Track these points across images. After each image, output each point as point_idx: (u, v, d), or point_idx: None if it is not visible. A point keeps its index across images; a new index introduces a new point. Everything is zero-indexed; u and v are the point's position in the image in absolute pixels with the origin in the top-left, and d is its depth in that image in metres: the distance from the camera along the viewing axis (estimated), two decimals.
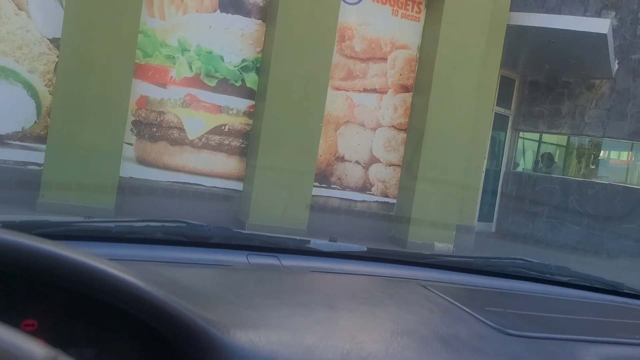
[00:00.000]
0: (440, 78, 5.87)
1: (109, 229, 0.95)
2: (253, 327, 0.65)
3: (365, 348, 0.68)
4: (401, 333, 0.76)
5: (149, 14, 5.05)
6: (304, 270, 1.06)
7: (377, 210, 6.14)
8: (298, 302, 0.83)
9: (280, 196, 5.29)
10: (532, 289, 1.19)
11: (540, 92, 8.90)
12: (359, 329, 0.75)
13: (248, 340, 0.61)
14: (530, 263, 1.26)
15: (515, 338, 0.81)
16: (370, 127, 6.01)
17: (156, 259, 0.92)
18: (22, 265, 0.50)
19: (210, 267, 0.96)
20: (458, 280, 1.16)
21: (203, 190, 5.38)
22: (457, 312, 0.90)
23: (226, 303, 0.74)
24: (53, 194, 4.51)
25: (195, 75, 5.25)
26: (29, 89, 4.70)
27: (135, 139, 5.15)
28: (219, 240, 1.04)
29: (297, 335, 0.67)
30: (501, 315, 0.91)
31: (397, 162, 6.16)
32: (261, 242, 1.09)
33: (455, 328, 0.81)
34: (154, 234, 0.98)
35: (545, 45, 7.25)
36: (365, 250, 1.15)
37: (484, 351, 0.75)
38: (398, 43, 6.02)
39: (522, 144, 9.45)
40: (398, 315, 0.85)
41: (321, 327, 0.73)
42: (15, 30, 4.62)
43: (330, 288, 0.98)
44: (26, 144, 4.75)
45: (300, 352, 0.63)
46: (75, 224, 0.94)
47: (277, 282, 0.95)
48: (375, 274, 1.11)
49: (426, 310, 0.89)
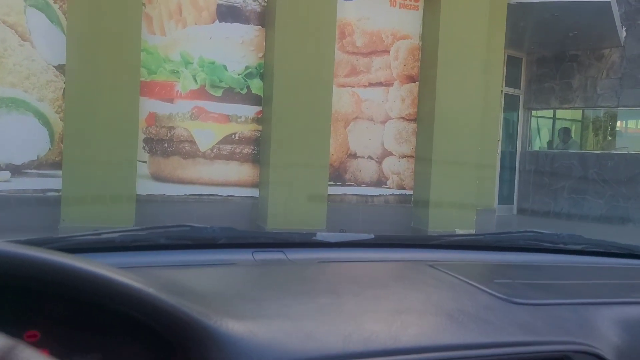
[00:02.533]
0: (445, 64, 5.83)
1: (113, 239, 0.96)
2: (252, 318, 0.65)
3: (367, 329, 0.68)
4: (405, 311, 0.76)
5: (149, 31, 5.10)
6: (310, 261, 1.05)
7: (395, 203, 6.11)
8: (301, 291, 0.83)
9: (297, 198, 5.30)
10: (545, 259, 1.17)
11: (549, 68, 8.78)
12: (361, 312, 0.75)
13: (246, 331, 0.61)
14: (542, 234, 1.24)
15: (522, 306, 0.80)
16: (380, 121, 5.99)
17: (161, 263, 0.93)
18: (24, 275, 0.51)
19: (215, 266, 0.97)
20: (468, 258, 1.15)
21: (220, 200, 5.41)
22: (464, 287, 0.89)
23: (226, 298, 0.74)
24: (74, 217, 4.58)
25: (200, 87, 5.29)
26: (40, 117, 4.78)
27: (148, 156, 5.21)
28: (225, 240, 1.04)
29: (298, 323, 0.68)
30: (509, 286, 0.89)
31: (410, 153, 6.13)
32: (267, 239, 1.09)
33: (461, 302, 0.81)
34: (158, 239, 0.98)
35: (549, 19, 7.15)
36: (373, 238, 1.14)
37: (489, 321, 0.75)
38: (399, 34, 5.99)
39: (536, 123, 9.33)
40: (402, 295, 0.85)
41: (323, 314, 0.73)
42: (22, 61, 4.70)
43: (336, 276, 0.98)
44: (43, 171, 4.83)
45: (301, 338, 0.64)
46: (77, 237, 0.95)
47: (282, 274, 0.95)
48: (383, 259, 1.11)
49: (432, 288, 0.88)
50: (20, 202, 4.72)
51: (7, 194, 4.71)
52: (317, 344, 0.63)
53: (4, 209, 4.64)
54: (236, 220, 5.40)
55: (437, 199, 5.81)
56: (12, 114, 4.70)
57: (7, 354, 0.32)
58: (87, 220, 4.50)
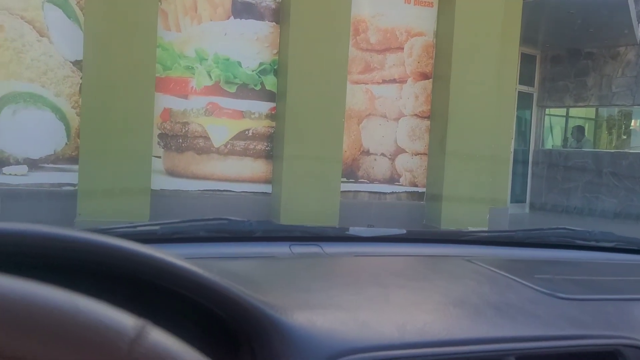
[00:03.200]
0: (459, 62, 5.81)
1: (155, 231, 0.98)
2: (308, 308, 0.67)
3: (420, 319, 0.69)
4: (453, 304, 0.77)
5: (164, 27, 5.14)
6: (347, 255, 1.07)
7: (407, 200, 6.11)
8: (346, 283, 0.84)
9: (310, 194, 5.31)
10: (577, 256, 1.18)
11: (563, 65, 8.71)
12: (410, 303, 0.76)
13: (306, 320, 0.62)
14: (574, 231, 1.24)
15: (567, 301, 0.81)
16: (393, 118, 5.98)
17: (202, 255, 0.94)
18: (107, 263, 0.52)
19: (255, 259, 0.98)
20: (501, 253, 1.16)
21: (233, 195, 5.44)
22: (505, 281, 0.90)
23: (275, 288, 0.75)
24: (90, 211, 4.63)
25: (215, 83, 5.31)
26: (57, 112, 4.83)
27: (163, 152, 5.25)
28: (261, 233, 1.06)
29: (351, 313, 0.68)
30: (550, 281, 0.90)
31: (423, 151, 6.12)
32: (302, 232, 1.11)
33: (506, 296, 0.82)
34: (198, 232, 1.00)
35: (565, 17, 7.09)
36: (405, 233, 1.15)
37: (538, 315, 0.75)
38: (413, 31, 5.97)
39: (549, 121, 9.26)
40: (447, 288, 0.86)
41: (373, 304, 0.74)
42: (39, 57, 4.75)
43: (376, 269, 0.99)
44: (59, 165, 4.88)
45: (357, 327, 0.64)
46: (123, 229, 0.97)
47: (322, 266, 0.96)
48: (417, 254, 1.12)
49: (474, 282, 0.89)
50: (38, 195, 4.78)
51: (25, 187, 4.77)
52: (373, 333, 0.64)
53: (21, 203, 4.70)
54: (249, 216, 5.40)
55: (450, 196, 5.80)
56: (30, 108, 4.75)
57: (141, 331, 0.34)
58: (102, 215, 4.56)
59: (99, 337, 0.33)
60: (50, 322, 0.32)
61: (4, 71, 4.68)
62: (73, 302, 0.34)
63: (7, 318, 0.32)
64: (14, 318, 0.32)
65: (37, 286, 0.34)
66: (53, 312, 0.33)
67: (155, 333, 0.35)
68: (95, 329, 0.33)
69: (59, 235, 0.50)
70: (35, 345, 0.32)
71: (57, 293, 0.34)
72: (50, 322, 0.32)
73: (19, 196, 4.71)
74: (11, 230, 0.48)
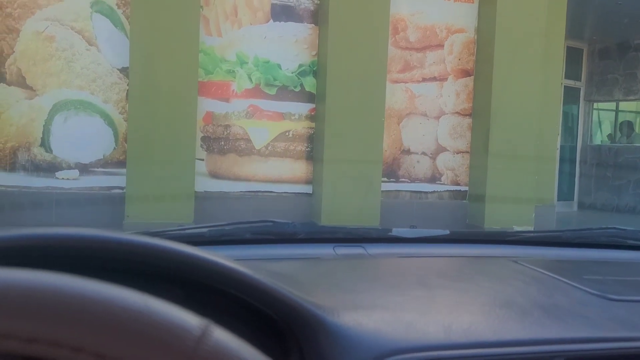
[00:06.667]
0: (502, 58, 5.69)
1: (203, 234, 1.01)
2: (354, 309, 0.67)
3: (465, 320, 0.69)
4: (499, 305, 0.76)
5: (206, 32, 5.25)
6: (390, 256, 1.07)
7: (450, 199, 6.03)
8: (390, 284, 0.85)
9: (350, 195, 5.31)
10: (629, 257, 1.14)
11: (612, 58, 8.40)
12: (456, 304, 0.76)
13: (352, 321, 0.62)
14: (624, 231, 1.20)
15: (618, 303, 0.79)
16: (434, 117, 5.91)
17: (248, 257, 0.96)
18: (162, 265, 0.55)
19: (300, 260, 1.00)
20: (549, 254, 1.13)
21: (274, 196, 5.50)
22: (553, 282, 0.88)
23: (321, 289, 0.76)
24: (137, 213, 4.78)
25: (255, 86, 5.39)
26: (105, 118, 5.01)
27: (206, 154, 5.36)
28: (305, 235, 1.08)
29: (396, 313, 0.69)
30: (600, 282, 0.88)
31: (465, 149, 6.02)
32: (345, 234, 1.12)
33: (554, 297, 0.80)
34: (244, 234, 1.03)
35: (612, 8, 6.84)
36: (449, 234, 1.15)
37: (587, 317, 0.74)
38: (453, 28, 5.89)
39: (598, 116, 8.94)
40: (492, 289, 0.85)
41: (419, 304, 0.74)
42: (88, 65, 4.94)
43: (420, 270, 0.99)
44: (108, 169, 5.06)
45: (403, 328, 0.65)
46: (173, 232, 1.01)
47: (366, 268, 0.97)
48: (461, 255, 1.11)
49: (520, 283, 0.88)
50: (88, 199, 4.97)
51: (77, 191, 4.97)
52: (418, 333, 0.64)
53: (73, 206, 4.90)
54: (290, 217, 5.46)
55: (494, 194, 5.68)
56: (80, 115, 4.95)
57: (205, 330, 0.36)
58: (149, 217, 4.69)
59: (169, 336, 0.35)
60: (128, 321, 0.35)
61: (55, 80, 4.89)
62: (145, 303, 0.36)
63: (91, 318, 0.34)
64: (98, 318, 0.34)
65: (113, 288, 0.36)
66: (129, 312, 0.35)
67: (219, 332, 0.36)
68: (165, 328, 0.35)
69: (115, 238, 0.53)
70: (116, 343, 0.34)
71: (131, 294, 0.36)
72: (127, 322, 0.35)
73: (71, 199, 4.91)
74: (74, 235, 0.51)
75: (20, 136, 4.86)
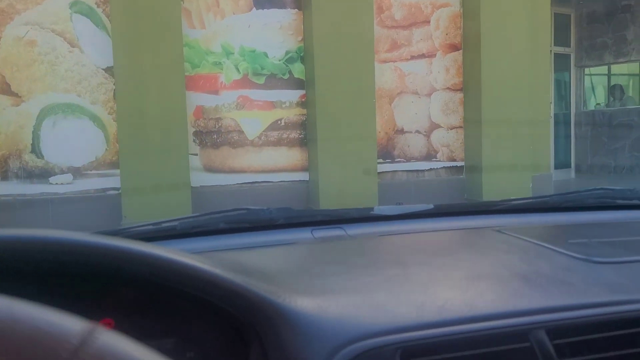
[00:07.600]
0: (489, 29, 5.64)
1: (174, 226, 0.98)
2: (320, 294, 0.65)
3: (440, 297, 0.66)
4: (477, 277, 0.73)
5: (189, 25, 5.18)
6: (371, 235, 1.04)
7: (446, 175, 6.01)
8: (365, 264, 0.82)
9: (347, 178, 5.30)
10: (619, 217, 1.11)
11: (600, 22, 8.34)
12: (432, 281, 0.73)
13: (315, 306, 0.60)
14: (613, 191, 1.17)
15: (604, 265, 0.76)
16: (425, 94, 5.87)
17: (222, 247, 0.93)
18: (99, 263, 0.52)
19: (275, 246, 0.97)
20: (536, 221, 1.10)
21: (271, 186, 5.48)
22: (537, 249, 0.85)
23: (291, 276, 0.74)
24: (135, 213, 4.76)
25: (243, 76, 5.34)
26: (94, 119, 4.96)
27: (199, 149, 5.32)
28: (282, 221, 1.04)
29: (367, 295, 0.66)
30: (585, 245, 0.85)
31: (459, 124, 5.99)
32: (324, 216, 1.08)
33: (537, 265, 0.77)
34: (217, 224, 0.99)
35: None
36: (432, 208, 1.11)
37: (570, 282, 0.71)
38: (438, 2, 5.83)
39: (590, 81, 8.90)
40: (472, 261, 0.81)
41: (392, 284, 0.71)
42: (73, 67, 4.88)
43: (399, 247, 0.96)
44: (102, 171, 5.02)
45: (371, 310, 0.62)
46: (138, 228, 0.97)
47: (342, 249, 0.94)
48: (445, 228, 1.08)
49: (502, 253, 0.85)
50: (84, 202, 4.94)
51: (72, 195, 4.94)
52: (389, 315, 0.62)
53: (69, 210, 4.87)
54: (290, 204, 5.43)
55: (490, 167, 5.68)
56: (69, 118, 4.90)
57: (87, 336, 0.31)
58: (147, 215, 4.66)
59: (36, 347, 0.30)
60: None
61: (40, 85, 4.83)
62: (9, 310, 0.31)
63: None
64: None
65: None
66: None
67: (106, 336, 0.32)
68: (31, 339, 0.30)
69: (51, 239, 0.50)
70: None
71: None
72: None
73: (67, 204, 4.88)
74: (8, 237, 0.49)
75: (10, 144, 4.81)
